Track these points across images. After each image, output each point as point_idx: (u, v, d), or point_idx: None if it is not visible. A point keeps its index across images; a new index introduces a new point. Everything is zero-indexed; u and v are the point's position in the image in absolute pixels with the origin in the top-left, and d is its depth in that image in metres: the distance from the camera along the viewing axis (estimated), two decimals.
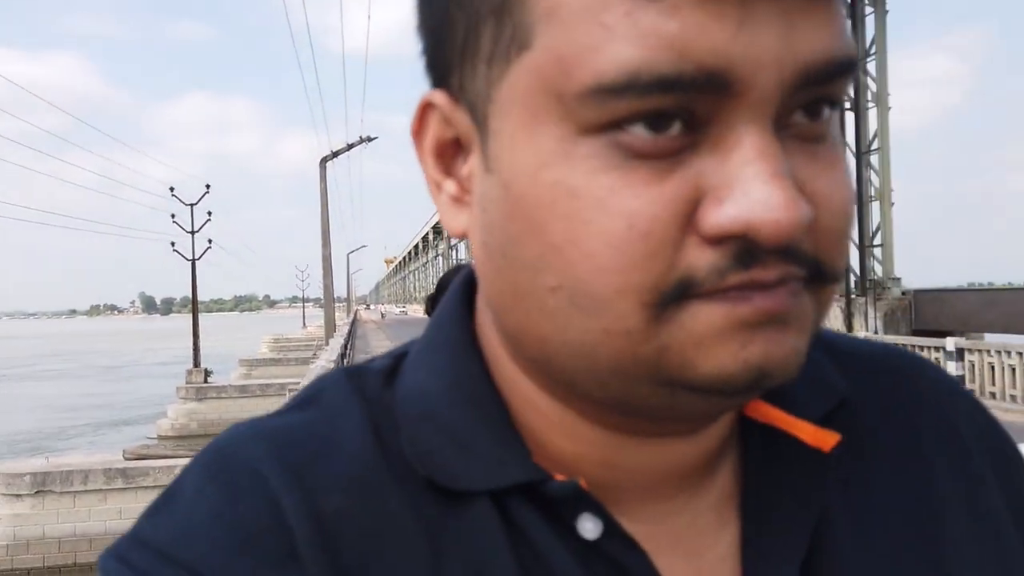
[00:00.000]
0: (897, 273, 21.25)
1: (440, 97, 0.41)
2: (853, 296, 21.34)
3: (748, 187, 0.34)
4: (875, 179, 22.12)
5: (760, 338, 0.36)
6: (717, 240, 0.35)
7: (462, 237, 0.43)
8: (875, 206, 22.08)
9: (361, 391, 0.46)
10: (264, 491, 0.41)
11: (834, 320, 21.40)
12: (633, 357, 0.36)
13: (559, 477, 0.42)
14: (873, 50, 21.94)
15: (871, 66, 22.20)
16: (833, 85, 0.36)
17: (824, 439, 0.44)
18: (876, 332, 18.91)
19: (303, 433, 0.44)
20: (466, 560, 0.41)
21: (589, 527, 0.41)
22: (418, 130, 0.42)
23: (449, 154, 0.42)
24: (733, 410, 0.44)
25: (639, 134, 0.34)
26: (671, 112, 0.34)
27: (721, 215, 0.34)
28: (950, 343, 13.69)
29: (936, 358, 14.14)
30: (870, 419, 0.49)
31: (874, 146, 22.01)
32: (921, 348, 14.58)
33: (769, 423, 0.45)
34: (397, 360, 0.48)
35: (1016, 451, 0.53)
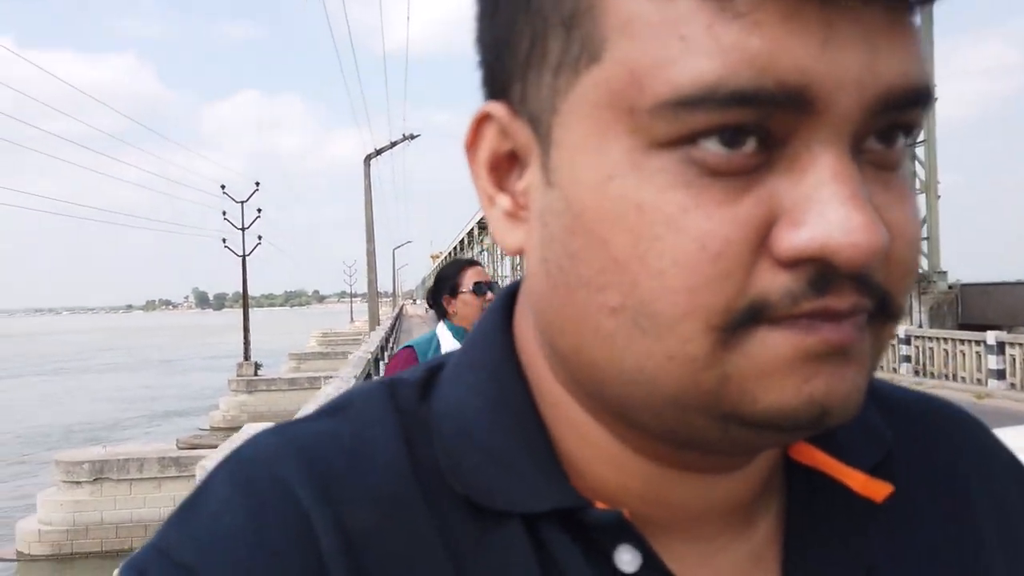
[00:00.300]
0: (947, 267, 20.99)
1: (499, 108, 0.41)
2: None
3: (825, 209, 0.33)
4: (921, 171, 21.86)
5: (824, 372, 0.35)
6: (792, 264, 0.34)
7: (517, 254, 0.42)
8: (921, 199, 21.82)
9: (394, 402, 0.45)
10: (292, 504, 0.40)
11: None
12: (694, 385, 0.35)
13: (600, 505, 0.41)
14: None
15: None
16: (911, 113, 0.35)
17: (876, 490, 0.43)
18: (920, 326, 18.73)
19: (333, 443, 0.43)
20: None
21: (627, 559, 0.40)
22: (472, 143, 0.42)
23: (504, 168, 0.41)
24: (781, 448, 0.44)
25: (713, 150, 0.34)
26: (747, 128, 0.33)
27: (797, 238, 0.33)
28: (991, 337, 13.56)
29: (977, 352, 14.04)
30: (913, 469, 0.48)
31: (920, 138, 21.75)
32: (962, 341, 14.48)
33: (816, 467, 0.44)
34: (433, 373, 0.47)
35: None
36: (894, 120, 0.35)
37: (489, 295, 3.18)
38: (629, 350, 0.36)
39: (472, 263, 3.34)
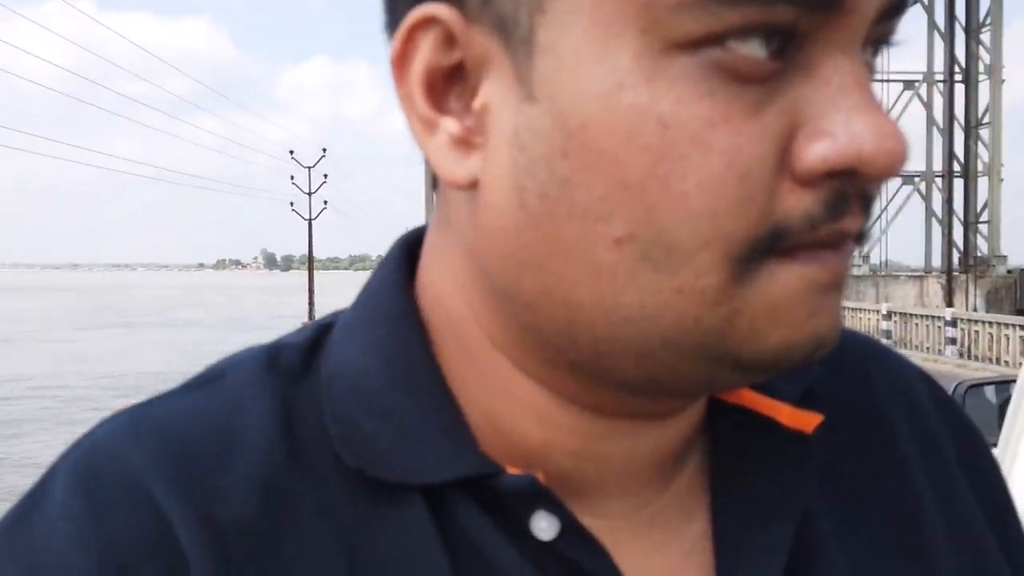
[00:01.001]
0: (1006, 251, 20.83)
1: (446, 12, 0.33)
2: (955, 273, 21.03)
3: (851, 116, 0.30)
4: (984, 154, 21.60)
5: (825, 304, 0.33)
6: (813, 181, 0.31)
7: (468, 188, 0.35)
8: (983, 182, 21.60)
9: (275, 368, 0.40)
10: (144, 502, 0.35)
11: (934, 296, 21.11)
12: (695, 324, 0.32)
13: (512, 470, 0.36)
14: (988, 21, 21.31)
15: (985, 37, 21.58)
16: (895, 22, 0.33)
17: (805, 420, 0.40)
18: (975, 310, 18.67)
19: (197, 422, 0.38)
20: (390, 567, 0.35)
21: (544, 526, 0.36)
22: (402, 56, 0.35)
23: (442, 86, 0.35)
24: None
25: (742, 53, 0.30)
26: (778, 28, 0.30)
27: (825, 148, 0.30)
28: None
29: (1021, 336, 14.10)
30: (835, 401, 0.46)
31: (984, 120, 21.47)
32: (1006, 325, 14.56)
33: (742, 405, 0.41)
34: (321, 333, 0.42)
35: (981, 440, 0.51)
36: (886, 29, 0.33)
37: None
38: (631, 286, 0.32)
39: None
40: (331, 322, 0.43)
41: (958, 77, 21.83)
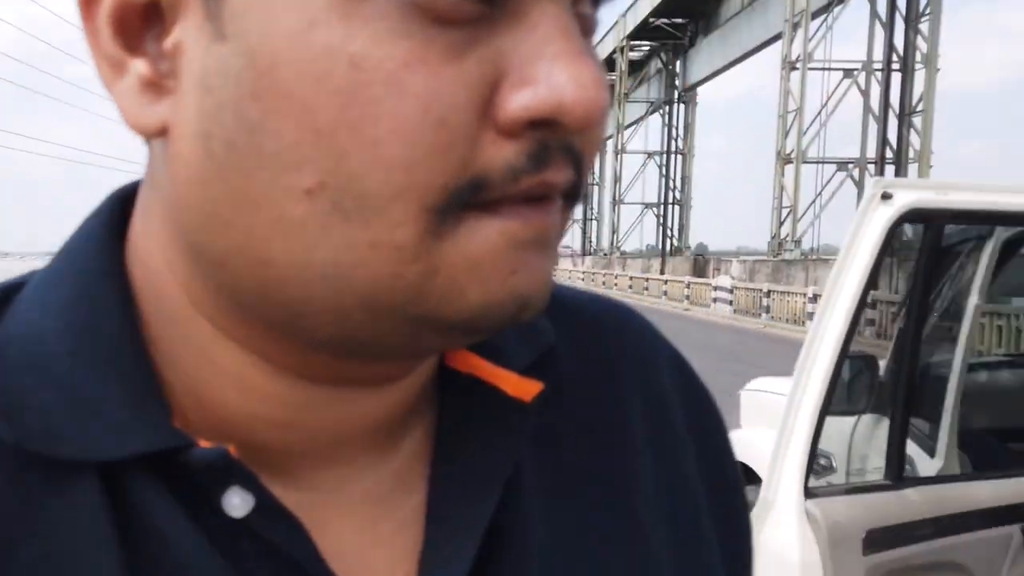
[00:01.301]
0: None
1: None
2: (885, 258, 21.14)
3: (555, 65, 0.30)
4: (916, 141, 21.78)
5: (529, 262, 0.32)
6: (516, 131, 0.30)
7: (156, 136, 0.33)
8: (913, 168, 21.78)
9: None
10: None
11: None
12: (393, 281, 0.31)
13: (204, 444, 0.34)
14: (928, 10, 21.54)
15: (924, 26, 21.77)
16: None
17: (525, 389, 0.40)
18: (898, 293, 18.68)
19: None
20: (51, 557, 0.32)
21: (237, 503, 0.34)
22: None
23: (135, 26, 0.33)
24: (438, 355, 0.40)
25: None
26: None
27: (527, 97, 0.30)
28: None
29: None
30: (572, 370, 0.45)
31: (918, 108, 21.67)
32: None
33: (470, 373, 0.40)
34: (7, 293, 0.38)
35: (717, 415, 0.52)
36: None
37: None
38: (323, 240, 0.30)
39: None
40: (23, 282, 0.38)
41: (896, 66, 22.07)
